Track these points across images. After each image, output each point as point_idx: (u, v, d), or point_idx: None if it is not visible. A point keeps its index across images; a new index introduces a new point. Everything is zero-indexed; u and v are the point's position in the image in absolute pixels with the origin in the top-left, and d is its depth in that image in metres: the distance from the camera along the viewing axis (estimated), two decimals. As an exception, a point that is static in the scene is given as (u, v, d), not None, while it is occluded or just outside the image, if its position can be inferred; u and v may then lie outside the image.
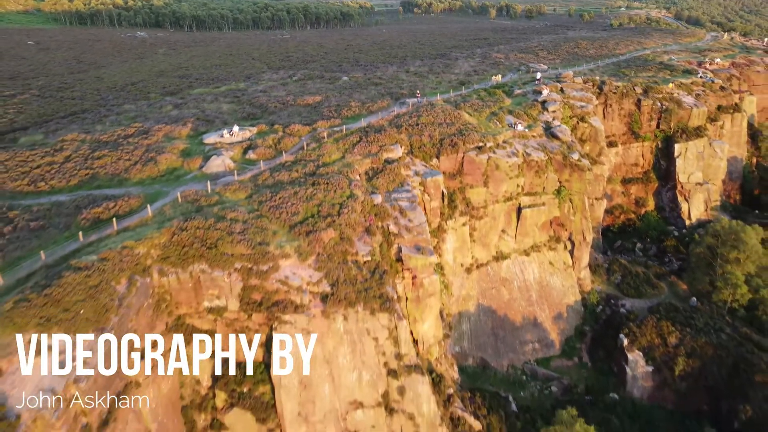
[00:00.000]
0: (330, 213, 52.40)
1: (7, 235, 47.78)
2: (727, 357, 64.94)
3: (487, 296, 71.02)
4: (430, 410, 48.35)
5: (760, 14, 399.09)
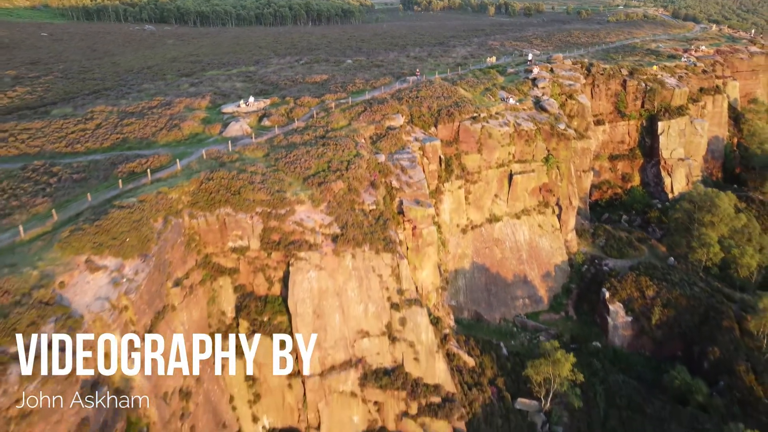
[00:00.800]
0: (339, 168, 58.06)
1: (54, 185, 53.52)
2: (699, 307, 70.70)
3: (480, 255, 76.65)
4: (429, 339, 54.07)
5: (758, 12, 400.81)
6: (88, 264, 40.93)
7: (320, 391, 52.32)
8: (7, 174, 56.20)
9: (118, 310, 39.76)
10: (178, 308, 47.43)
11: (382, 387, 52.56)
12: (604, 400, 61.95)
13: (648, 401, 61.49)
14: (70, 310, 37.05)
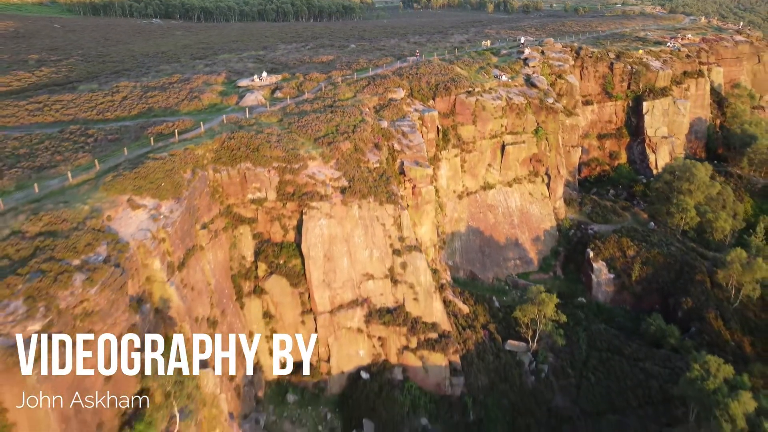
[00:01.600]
0: (346, 131, 63.63)
1: (91, 144, 59.22)
2: (675, 264, 76.37)
3: (475, 219, 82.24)
4: (427, 281, 59.70)
5: (755, 11, 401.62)
6: (130, 202, 46.56)
7: (330, 327, 58.03)
8: (47, 136, 61.86)
9: (158, 241, 45.41)
10: (206, 248, 53.08)
11: (385, 324, 58.29)
12: (586, 344, 67.65)
13: (626, 344, 67.15)
14: (118, 237, 42.66)
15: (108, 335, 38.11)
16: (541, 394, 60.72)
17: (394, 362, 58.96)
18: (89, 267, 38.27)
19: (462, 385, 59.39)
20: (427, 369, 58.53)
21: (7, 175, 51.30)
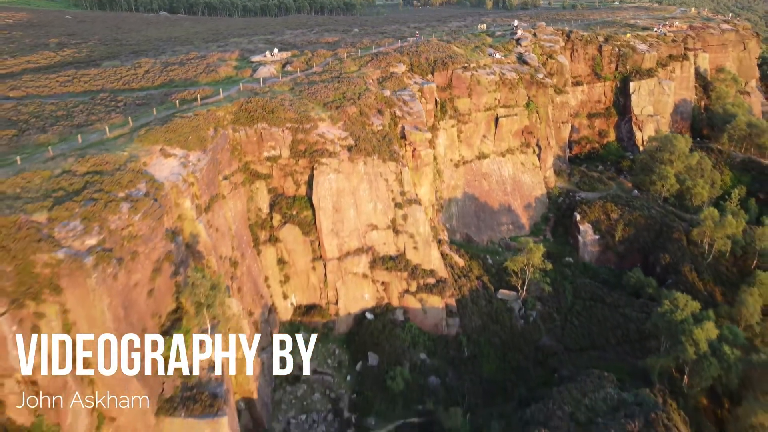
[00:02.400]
0: (352, 97, 69.09)
1: (121, 107, 64.70)
2: (655, 225, 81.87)
3: (471, 186, 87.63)
4: (425, 231, 65.26)
5: (752, 9, 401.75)
6: (162, 151, 52.07)
7: (338, 273, 63.59)
8: (80, 102, 67.37)
9: (188, 184, 50.95)
10: (227, 197, 58.62)
11: (388, 270, 63.91)
12: (572, 294, 73.32)
13: (608, 294, 72.78)
14: (155, 178, 48.19)
15: (149, 257, 43.90)
16: (529, 335, 66.31)
17: (395, 305, 64.51)
18: (132, 199, 43.86)
19: (457, 325, 64.99)
20: (426, 311, 64.11)
21: (50, 130, 56.88)
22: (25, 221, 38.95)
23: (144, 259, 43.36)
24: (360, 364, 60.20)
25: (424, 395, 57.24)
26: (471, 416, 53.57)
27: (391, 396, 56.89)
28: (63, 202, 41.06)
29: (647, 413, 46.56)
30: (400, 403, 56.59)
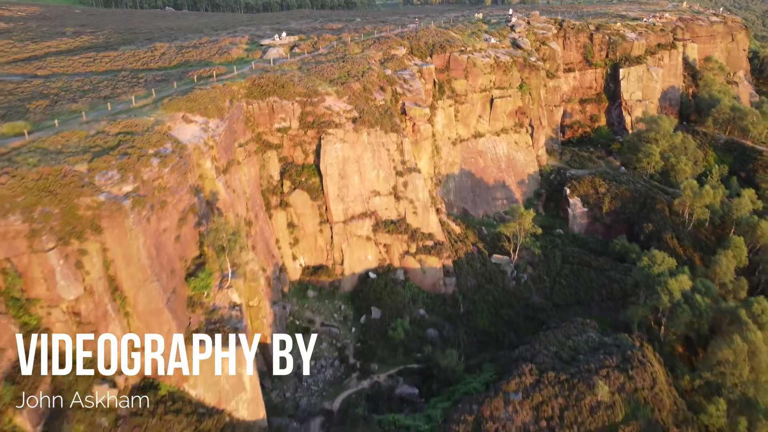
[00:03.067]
0: (356, 75, 73.63)
1: (143, 83, 69.32)
2: (639, 197, 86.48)
3: (467, 163, 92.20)
4: (424, 197, 69.89)
5: (750, 9, 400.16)
6: (184, 118, 56.62)
7: (344, 235, 68.18)
8: (104, 79, 72.05)
9: (208, 146, 55.56)
10: (242, 163, 63.23)
11: (390, 233, 68.54)
12: (561, 260, 77.91)
13: (594, 260, 77.42)
14: (179, 140, 52.77)
15: (176, 207, 48.58)
16: (520, 293, 70.98)
17: (396, 265, 69.14)
18: (161, 155, 48.46)
19: (454, 285, 69.64)
20: (425, 271, 68.74)
21: (80, 101, 61.54)
22: (69, 170, 43.58)
23: (171, 208, 48.01)
24: (364, 318, 64.81)
25: (423, 344, 61.83)
26: (465, 359, 58.18)
27: (392, 345, 61.53)
28: (101, 156, 45.69)
29: (624, 351, 51.20)
30: (401, 351, 61.22)
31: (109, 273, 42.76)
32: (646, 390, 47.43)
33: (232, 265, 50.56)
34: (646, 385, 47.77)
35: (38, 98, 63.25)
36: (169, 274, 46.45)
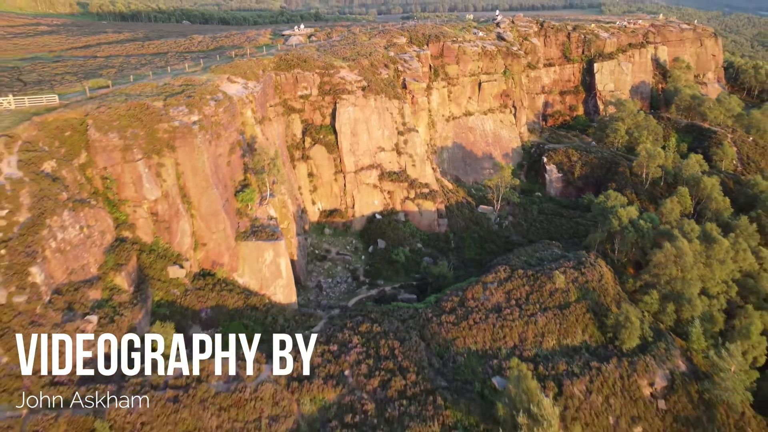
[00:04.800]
0: (365, 54, 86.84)
1: (190, 58, 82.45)
2: (606, 163, 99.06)
3: (459, 137, 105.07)
4: (421, 152, 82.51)
5: (740, 32, 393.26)
6: (229, 79, 69.56)
7: (354, 183, 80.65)
8: (155, 57, 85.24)
9: (248, 100, 68.38)
10: (272, 120, 76.01)
11: (392, 181, 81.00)
12: (537, 212, 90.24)
13: (565, 211, 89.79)
14: (227, 93, 65.67)
15: (227, 140, 61.25)
16: (502, 233, 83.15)
17: (398, 208, 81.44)
18: (216, 99, 61.27)
19: (446, 225, 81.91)
20: (422, 213, 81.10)
21: (142, 69, 74.62)
22: (150, 105, 56.39)
23: (224, 140, 60.68)
24: (371, 248, 76.98)
25: (420, 268, 73.98)
26: (454, 273, 70.20)
27: (395, 267, 73.63)
28: (171, 96, 58.56)
29: (580, 258, 63.38)
30: (402, 271, 73.30)
31: (179, 182, 55.21)
32: (595, 281, 59.48)
33: (271, 185, 63.03)
34: (595, 278, 59.84)
35: (106, 68, 76.39)
36: (223, 188, 58.93)
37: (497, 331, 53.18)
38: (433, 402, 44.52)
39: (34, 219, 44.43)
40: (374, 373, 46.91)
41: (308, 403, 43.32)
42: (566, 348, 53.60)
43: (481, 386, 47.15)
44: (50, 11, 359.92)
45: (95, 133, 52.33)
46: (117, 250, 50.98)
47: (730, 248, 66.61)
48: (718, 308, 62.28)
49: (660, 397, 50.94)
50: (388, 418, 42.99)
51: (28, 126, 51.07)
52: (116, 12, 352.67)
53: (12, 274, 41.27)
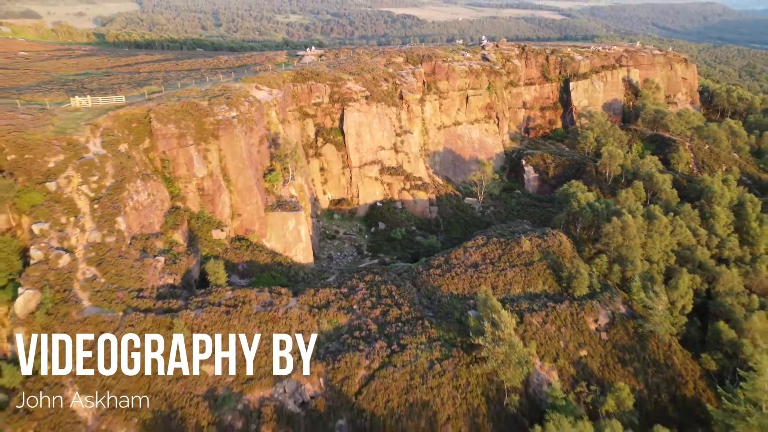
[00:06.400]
0: (368, 70, 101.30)
1: (220, 72, 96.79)
2: (576, 164, 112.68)
3: (449, 143, 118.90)
4: (416, 150, 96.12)
5: (729, 63, 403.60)
6: (257, 87, 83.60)
7: (359, 176, 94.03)
8: (190, 72, 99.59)
9: (273, 104, 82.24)
10: (291, 123, 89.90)
11: (391, 175, 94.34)
12: (516, 203, 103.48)
13: (539, 204, 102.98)
14: (256, 97, 79.61)
15: (257, 133, 74.80)
16: (485, 219, 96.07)
17: (396, 198, 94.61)
18: (249, 101, 75.13)
19: (436, 212, 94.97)
20: (416, 201, 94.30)
21: (183, 80, 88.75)
22: (198, 103, 70.12)
23: (255, 133, 74.25)
24: (373, 229, 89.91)
25: (414, 245, 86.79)
26: (442, 245, 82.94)
27: (393, 244, 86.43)
28: (214, 98, 72.40)
29: (544, 231, 76.27)
30: (399, 247, 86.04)
31: (221, 164, 68.58)
32: (555, 247, 72.18)
33: (292, 170, 76.39)
34: (555, 244, 72.55)
35: (153, 79, 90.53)
36: (255, 170, 72.23)
37: (474, 281, 65.69)
38: (421, 324, 56.86)
39: (117, 184, 57.67)
40: (376, 306, 59.32)
41: (326, 324, 55.63)
42: (529, 294, 66.07)
43: (459, 315, 59.49)
44: (69, 39, 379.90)
45: (157, 124, 65.88)
46: (173, 214, 63.95)
47: (669, 224, 79.51)
48: (658, 271, 74.92)
49: (602, 330, 63.17)
50: (387, 333, 55.31)
51: (105, 118, 64.71)
52: (131, 41, 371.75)
53: (104, 222, 54.28)
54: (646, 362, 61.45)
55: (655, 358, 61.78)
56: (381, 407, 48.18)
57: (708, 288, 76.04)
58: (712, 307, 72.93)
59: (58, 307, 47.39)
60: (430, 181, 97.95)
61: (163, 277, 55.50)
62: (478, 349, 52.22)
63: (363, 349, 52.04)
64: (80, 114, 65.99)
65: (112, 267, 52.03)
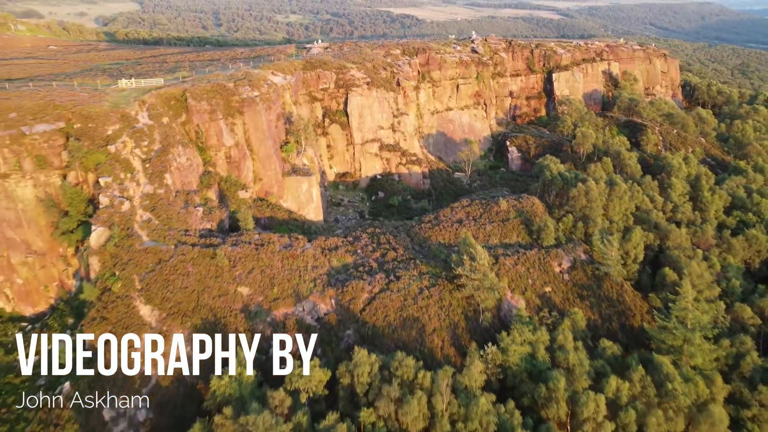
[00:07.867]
0: (369, 60, 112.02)
1: (239, 61, 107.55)
2: (554, 145, 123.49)
3: (441, 127, 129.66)
4: (411, 130, 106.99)
5: (723, 62, 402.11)
6: (273, 73, 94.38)
7: (361, 152, 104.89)
8: (213, 62, 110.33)
9: (287, 87, 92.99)
10: (302, 105, 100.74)
11: (389, 151, 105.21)
12: (499, 178, 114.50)
13: (521, 178, 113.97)
14: (274, 82, 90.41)
15: (275, 111, 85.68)
16: (471, 190, 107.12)
17: (393, 171, 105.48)
18: (268, 83, 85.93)
19: (429, 184, 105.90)
20: (411, 174, 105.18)
21: (208, 67, 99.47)
22: (225, 85, 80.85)
23: (273, 111, 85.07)
24: (374, 197, 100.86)
25: (409, 211, 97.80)
26: (433, 209, 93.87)
27: (391, 210, 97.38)
28: (238, 80, 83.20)
29: (520, 195, 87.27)
30: (396, 212, 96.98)
31: (246, 135, 79.42)
32: (528, 207, 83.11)
33: (304, 142, 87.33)
34: (528, 205, 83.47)
35: (181, 68, 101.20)
36: (273, 142, 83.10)
37: (458, 233, 76.57)
38: (414, 263, 67.83)
39: (163, 148, 68.50)
40: (376, 250, 70.23)
41: (335, 261, 66.57)
42: (504, 244, 77.10)
43: (445, 257, 70.55)
44: (80, 38, 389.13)
45: (192, 101, 76.64)
46: (206, 176, 74.81)
47: (628, 190, 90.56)
48: (617, 229, 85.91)
49: (565, 272, 74.15)
50: (386, 269, 66.32)
51: (149, 96, 75.45)
52: (139, 38, 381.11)
53: (155, 177, 65.20)
54: (601, 298, 72.36)
55: (608, 295, 72.66)
56: (381, 320, 59.25)
57: (660, 244, 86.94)
58: (662, 259, 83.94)
59: (123, 241, 58.25)
60: (424, 157, 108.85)
61: (203, 223, 66.51)
62: (459, 279, 63.18)
63: (366, 279, 63.05)
64: (127, 93, 76.73)
65: (163, 212, 63.00)
